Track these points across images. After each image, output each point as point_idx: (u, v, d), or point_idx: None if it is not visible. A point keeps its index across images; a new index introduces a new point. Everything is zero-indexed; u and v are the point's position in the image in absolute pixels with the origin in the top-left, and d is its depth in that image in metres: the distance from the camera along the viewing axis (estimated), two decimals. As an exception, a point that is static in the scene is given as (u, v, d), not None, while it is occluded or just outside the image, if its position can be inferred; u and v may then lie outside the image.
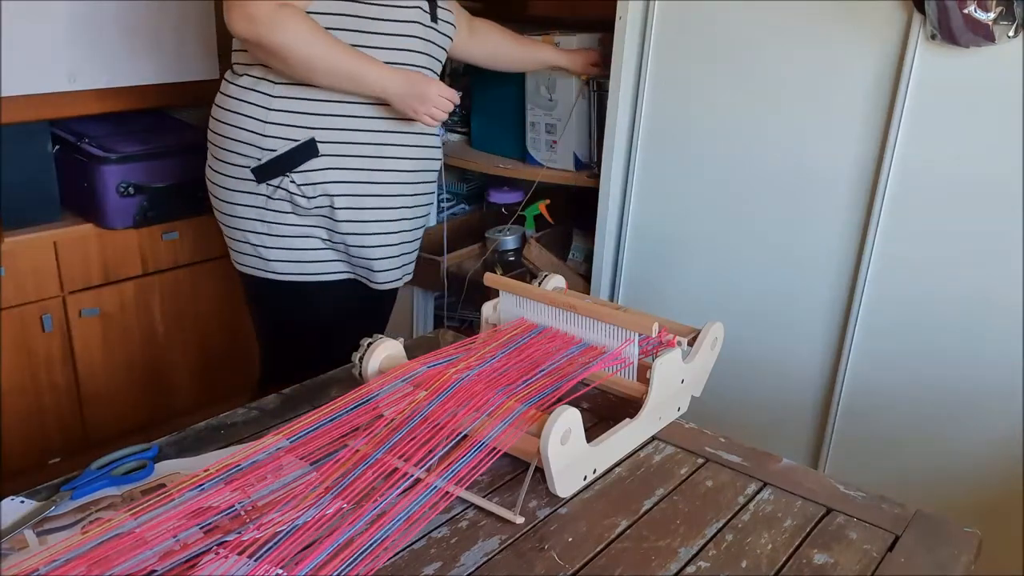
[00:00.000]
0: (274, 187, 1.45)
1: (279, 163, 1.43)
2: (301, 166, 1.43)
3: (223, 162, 1.48)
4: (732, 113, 1.71)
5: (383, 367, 1.02)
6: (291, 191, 1.44)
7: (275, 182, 1.44)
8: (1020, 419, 1.48)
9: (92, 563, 0.73)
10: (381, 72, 1.41)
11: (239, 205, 1.49)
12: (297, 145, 1.42)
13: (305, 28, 1.34)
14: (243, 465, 0.86)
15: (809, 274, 1.67)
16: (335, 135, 1.44)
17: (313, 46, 1.34)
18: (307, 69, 1.37)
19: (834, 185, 1.61)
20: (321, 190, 1.45)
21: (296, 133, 1.42)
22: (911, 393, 1.59)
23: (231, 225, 1.53)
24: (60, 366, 1.98)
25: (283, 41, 1.32)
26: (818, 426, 1.73)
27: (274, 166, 1.44)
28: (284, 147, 1.42)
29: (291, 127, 1.42)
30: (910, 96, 1.49)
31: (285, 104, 1.42)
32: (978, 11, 1.33)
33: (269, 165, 1.44)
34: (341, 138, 1.44)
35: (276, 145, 1.43)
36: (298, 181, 1.44)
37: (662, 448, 1.01)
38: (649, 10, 1.76)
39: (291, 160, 1.43)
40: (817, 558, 0.82)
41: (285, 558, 0.74)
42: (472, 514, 0.87)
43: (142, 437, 0.99)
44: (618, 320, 1.03)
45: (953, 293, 1.52)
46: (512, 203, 2.29)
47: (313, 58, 1.35)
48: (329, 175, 1.45)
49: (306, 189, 1.44)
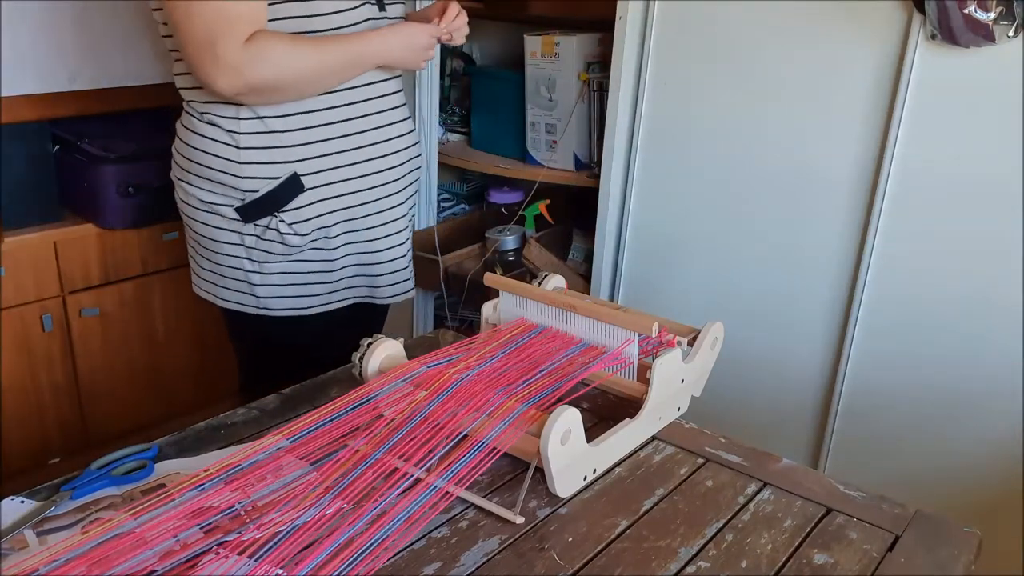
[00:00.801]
0: (263, 227, 1.34)
1: (264, 203, 1.33)
2: (289, 204, 1.33)
3: (203, 201, 1.37)
4: (732, 113, 1.71)
5: (383, 367, 1.02)
6: (282, 231, 1.34)
7: (263, 222, 1.34)
8: (1020, 419, 1.48)
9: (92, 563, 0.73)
10: (376, 44, 1.32)
11: (226, 243, 1.38)
12: (280, 183, 1.31)
13: (284, 47, 1.23)
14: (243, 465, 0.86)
15: (809, 274, 1.68)
16: (316, 164, 1.33)
17: (302, 59, 1.25)
18: (308, 85, 1.28)
19: (834, 185, 1.61)
20: (315, 224, 1.35)
21: (275, 170, 1.31)
22: (911, 393, 1.59)
23: (217, 262, 1.41)
24: (60, 366, 1.98)
25: (274, 74, 1.23)
26: (818, 426, 1.73)
27: (259, 206, 1.33)
28: (266, 187, 1.32)
29: (268, 164, 1.31)
30: (910, 96, 1.49)
31: (255, 141, 1.31)
32: (978, 11, 1.33)
33: (253, 205, 1.33)
34: (324, 165, 1.34)
35: (257, 186, 1.32)
36: (288, 220, 1.33)
37: (662, 448, 1.01)
38: (649, 10, 1.76)
39: (277, 199, 1.32)
40: (817, 558, 0.82)
41: (285, 558, 0.74)
42: (472, 514, 0.87)
43: (142, 437, 0.99)
44: (618, 320, 1.03)
45: (953, 293, 1.52)
46: (512, 203, 2.29)
47: (309, 71, 1.26)
48: (320, 208, 1.35)
49: (298, 227, 1.34)
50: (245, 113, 1.30)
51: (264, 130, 1.31)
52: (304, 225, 1.35)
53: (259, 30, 1.23)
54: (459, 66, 2.44)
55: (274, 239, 1.35)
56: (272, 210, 1.33)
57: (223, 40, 1.19)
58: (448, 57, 2.39)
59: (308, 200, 1.34)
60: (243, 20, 1.21)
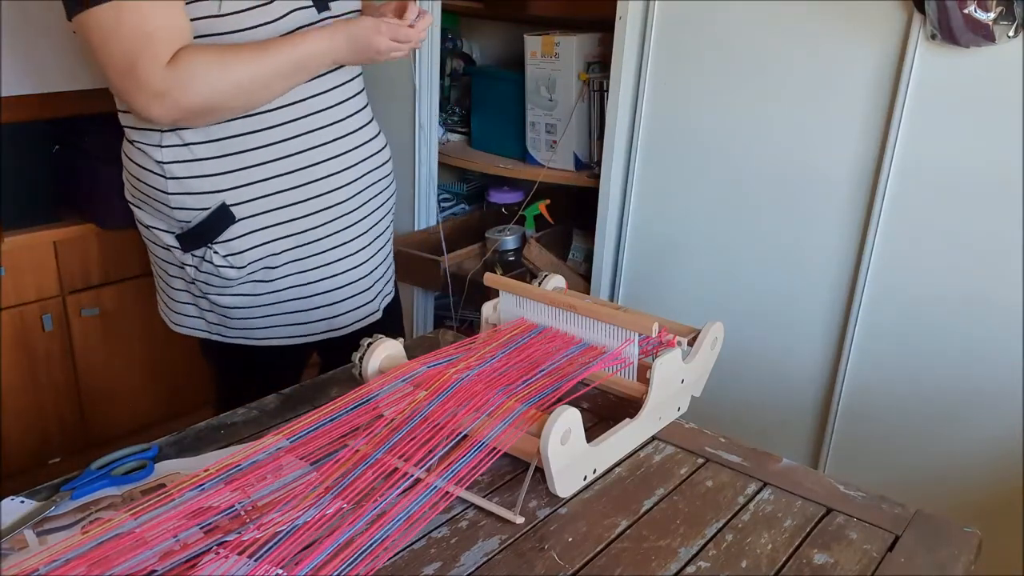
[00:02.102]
0: (199, 258, 1.25)
1: (197, 234, 1.23)
2: (220, 236, 1.22)
3: (145, 225, 1.30)
4: (732, 113, 1.71)
5: (383, 367, 1.02)
6: (216, 263, 1.24)
7: (199, 253, 1.24)
8: (1020, 419, 1.48)
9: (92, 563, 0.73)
10: (321, 45, 1.17)
11: (172, 266, 1.30)
12: (208, 214, 1.21)
13: (211, 61, 1.11)
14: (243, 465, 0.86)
15: (809, 274, 1.68)
16: (247, 192, 1.21)
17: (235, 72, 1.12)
18: (250, 96, 1.16)
19: (834, 185, 1.61)
20: (251, 257, 1.24)
21: (202, 200, 1.21)
22: (911, 393, 1.59)
23: (169, 284, 1.33)
24: (60, 366, 1.98)
25: (206, 93, 1.11)
26: (818, 426, 1.73)
27: (193, 237, 1.24)
28: (196, 217, 1.22)
29: (196, 195, 1.21)
30: (910, 96, 1.49)
31: (181, 170, 1.21)
32: (978, 11, 1.33)
33: (188, 235, 1.24)
34: (255, 193, 1.22)
35: (187, 216, 1.22)
36: (222, 252, 1.23)
37: (662, 448, 1.01)
38: (649, 10, 1.76)
39: (207, 230, 1.22)
40: (817, 558, 0.82)
41: (285, 558, 0.74)
42: (472, 514, 0.87)
43: (142, 437, 0.99)
44: (618, 320, 1.03)
45: (953, 293, 1.52)
46: (512, 203, 2.29)
47: (247, 83, 1.14)
48: (255, 238, 1.24)
49: (233, 259, 1.24)
50: (169, 140, 1.20)
51: (190, 158, 1.20)
52: (239, 258, 1.24)
53: (183, 47, 1.11)
54: (459, 66, 2.44)
55: (210, 271, 1.26)
56: (204, 241, 1.23)
57: (142, 64, 1.09)
58: (448, 57, 2.40)
59: (240, 231, 1.23)
60: (160, 39, 1.09)
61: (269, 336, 1.34)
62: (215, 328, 1.35)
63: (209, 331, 1.35)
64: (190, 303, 1.33)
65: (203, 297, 1.30)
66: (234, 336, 1.35)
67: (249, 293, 1.29)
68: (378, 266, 1.42)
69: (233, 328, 1.34)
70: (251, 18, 1.16)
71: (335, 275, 1.34)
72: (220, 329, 1.34)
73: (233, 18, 1.15)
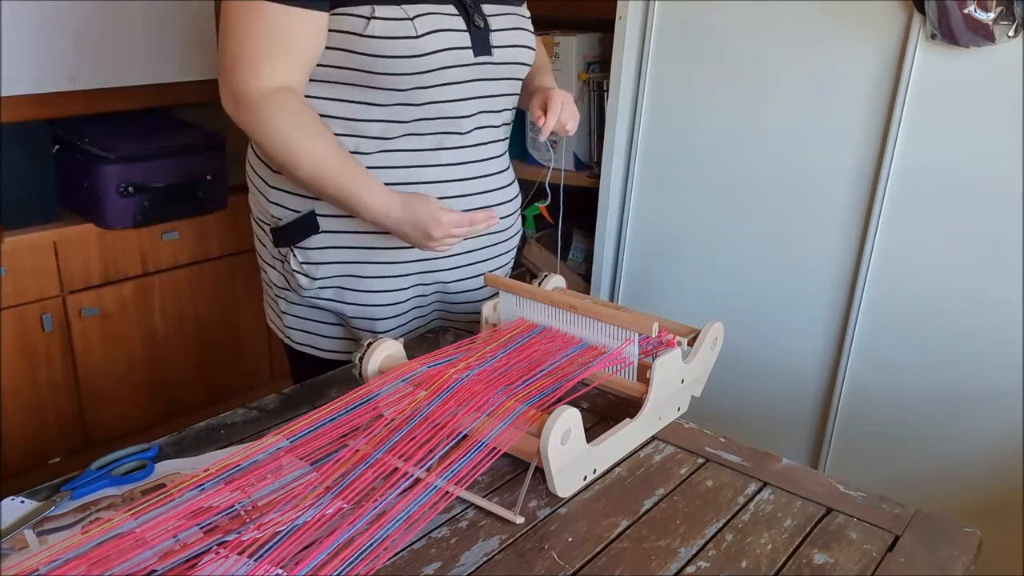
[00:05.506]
0: (282, 258, 1.28)
1: (285, 234, 1.26)
2: (302, 242, 1.24)
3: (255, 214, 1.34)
4: (732, 113, 1.71)
5: (383, 367, 1.02)
6: (292, 267, 1.26)
7: (284, 252, 1.27)
8: (1020, 419, 1.48)
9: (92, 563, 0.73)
10: (376, 203, 1.16)
11: (263, 258, 1.34)
12: (297, 218, 1.23)
13: (289, 130, 1.12)
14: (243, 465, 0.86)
15: (809, 274, 1.68)
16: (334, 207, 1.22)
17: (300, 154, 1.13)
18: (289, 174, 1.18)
19: (834, 185, 1.61)
20: (324, 272, 1.25)
21: (296, 203, 1.23)
22: (911, 393, 1.59)
23: (264, 272, 1.37)
24: (60, 366, 1.98)
25: (264, 140, 1.14)
26: (818, 426, 1.73)
27: (282, 236, 1.26)
28: (287, 217, 1.24)
29: (291, 195, 1.23)
30: (910, 96, 1.49)
31: None
32: (978, 11, 1.33)
33: (279, 233, 1.27)
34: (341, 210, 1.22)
35: (280, 214, 1.25)
36: (300, 258, 1.25)
37: (662, 448, 1.01)
38: (649, 10, 1.76)
39: (293, 233, 1.25)
40: (817, 558, 0.82)
41: (285, 558, 0.74)
42: (472, 514, 0.87)
43: (142, 437, 0.99)
44: (618, 320, 1.03)
45: (953, 292, 1.52)
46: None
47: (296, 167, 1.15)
48: (331, 255, 1.25)
49: (309, 269, 1.25)
50: None
51: None
52: (315, 268, 1.25)
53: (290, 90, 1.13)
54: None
55: (287, 273, 1.28)
56: (290, 242, 1.26)
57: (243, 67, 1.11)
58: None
59: (321, 243, 1.24)
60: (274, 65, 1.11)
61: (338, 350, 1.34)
62: (287, 332, 1.37)
63: (282, 332, 1.38)
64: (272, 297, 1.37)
65: (282, 298, 1.33)
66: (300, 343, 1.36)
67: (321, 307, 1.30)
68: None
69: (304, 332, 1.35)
70: (394, 46, 1.12)
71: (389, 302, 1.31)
72: (290, 333, 1.36)
73: (377, 42, 1.11)
